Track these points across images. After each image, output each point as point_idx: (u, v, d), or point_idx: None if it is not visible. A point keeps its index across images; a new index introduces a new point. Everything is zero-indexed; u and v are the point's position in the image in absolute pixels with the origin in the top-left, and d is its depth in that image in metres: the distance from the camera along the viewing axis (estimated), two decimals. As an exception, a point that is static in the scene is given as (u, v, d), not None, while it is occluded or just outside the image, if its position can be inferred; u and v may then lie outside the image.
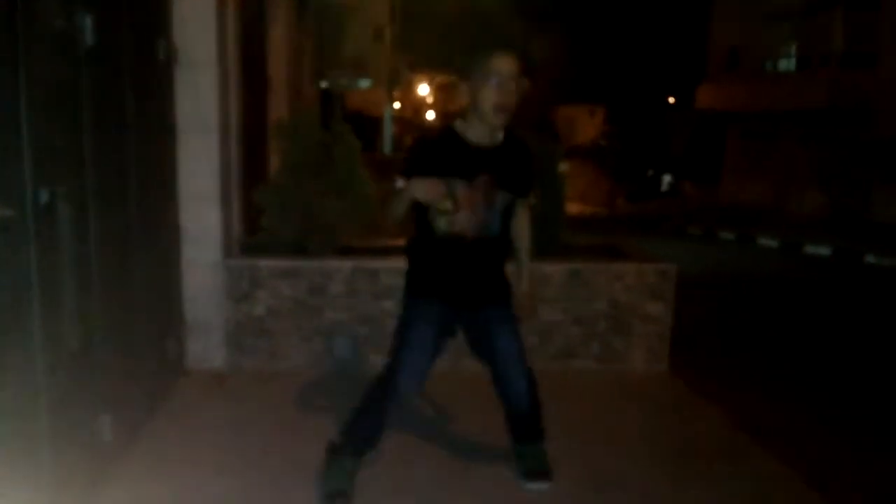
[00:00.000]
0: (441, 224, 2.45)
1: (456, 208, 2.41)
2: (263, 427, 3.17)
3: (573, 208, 15.66)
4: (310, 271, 3.79)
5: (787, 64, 19.79)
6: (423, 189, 2.35)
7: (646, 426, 3.41)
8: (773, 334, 6.29)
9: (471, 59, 2.41)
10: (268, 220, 4.05)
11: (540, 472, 2.75)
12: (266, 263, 3.78)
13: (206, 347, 3.77)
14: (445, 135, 2.49)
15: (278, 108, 5.95)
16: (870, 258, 12.23)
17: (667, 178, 24.21)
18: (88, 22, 2.39)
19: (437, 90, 35.35)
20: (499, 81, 2.35)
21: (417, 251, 2.59)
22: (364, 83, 18.00)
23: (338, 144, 4.01)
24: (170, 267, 3.55)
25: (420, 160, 2.44)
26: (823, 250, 13.14)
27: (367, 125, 17.41)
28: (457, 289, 2.56)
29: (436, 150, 2.47)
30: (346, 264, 3.81)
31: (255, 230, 4.14)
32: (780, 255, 13.24)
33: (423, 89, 34.54)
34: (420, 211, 2.47)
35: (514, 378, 2.67)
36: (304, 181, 3.94)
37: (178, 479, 2.68)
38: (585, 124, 27.79)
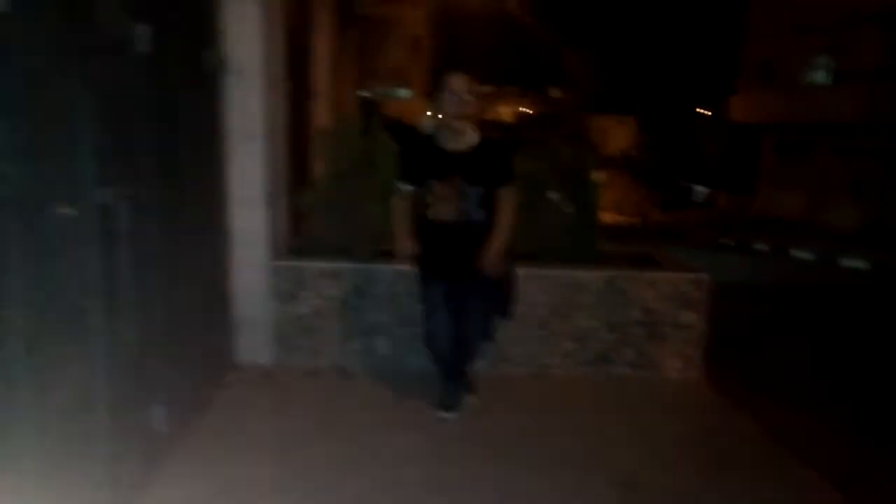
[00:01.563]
0: (428, 211, 3.20)
1: (435, 200, 3.15)
2: (306, 421, 3.29)
3: (607, 218, 15.64)
4: (353, 273, 3.93)
5: (822, 76, 19.55)
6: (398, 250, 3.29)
7: (678, 432, 3.45)
8: (807, 345, 6.25)
9: (437, 80, 3.18)
10: (312, 223, 4.20)
11: (450, 405, 3.41)
12: (311, 265, 3.92)
13: (254, 344, 3.92)
14: (425, 142, 3.28)
15: (321, 115, 6.12)
16: (907, 272, 12.01)
17: (699, 189, 24.01)
18: (145, 31, 2.51)
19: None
20: (451, 93, 3.09)
21: (420, 235, 3.26)
22: (403, 92, 18.23)
23: (379, 150, 4.15)
24: (220, 267, 3.70)
25: (407, 164, 3.28)
26: (859, 263, 12.95)
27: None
28: (447, 266, 3.24)
29: (417, 154, 3.26)
30: (388, 267, 3.93)
31: (301, 232, 4.29)
32: (814, 267, 13.07)
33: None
34: (419, 204, 3.20)
35: (470, 324, 3.32)
36: (347, 186, 4.08)
37: (227, 469, 2.80)
38: (618, 135, 27.75)
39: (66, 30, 2.03)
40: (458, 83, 3.09)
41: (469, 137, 3.16)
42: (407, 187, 3.24)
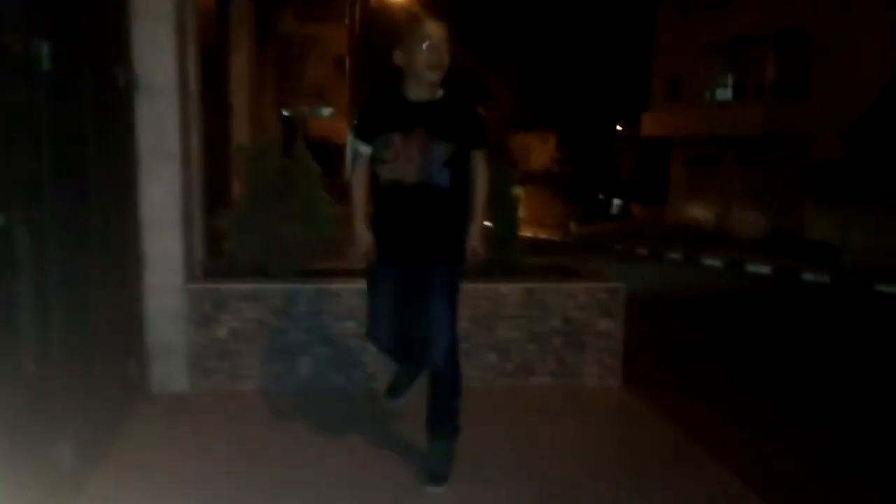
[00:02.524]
0: (383, 172, 2.74)
1: (394, 156, 2.70)
2: (228, 448, 3.19)
3: (528, 232, 15.98)
4: (273, 294, 3.86)
5: (723, 93, 20.74)
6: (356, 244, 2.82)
7: (599, 437, 3.55)
8: (720, 348, 6.57)
9: (404, 29, 2.75)
10: (230, 244, 4.10)
11: (439, 473, 2.86)
12: (229, 287, 3.83)
13: (169, 371, 3.77)
14: (388, 94, 2.81)
15: (240, 134, 6.01)
16: (807, 276, 12.83)
17: (616, 202, 24.93)
18: (45, 49, 2.40)
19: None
20: (430, 44, 2.66)
21: (374, 205, 2.83)
22: (325, 111, 18.12)
23: (299, 169, 4.11)
24: (131, 291, 3.56)
25: (366, 118, 2.84)
26: (764, 268, 13.74)
27: (328, 152, 17.60)
28: (401, 245, 2.79)
29: (379, 106, 2.83)
30: (309, 287, 3.89)
31: (218, 254, 4.18)
32: (723, 273, 13.76)
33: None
34: (371, 165, 2.81)
35: (436, 341, 2.77)
36: (265, 205, 4.02)
37: (139, 502, 2.67)
38: (539, 151, 28.48)
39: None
40: (436, 30, 2.68)
41: (438, 92, 2.76)
42: (365, 148, 2.79)
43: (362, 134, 2.81)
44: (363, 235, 2.81)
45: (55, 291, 2.49)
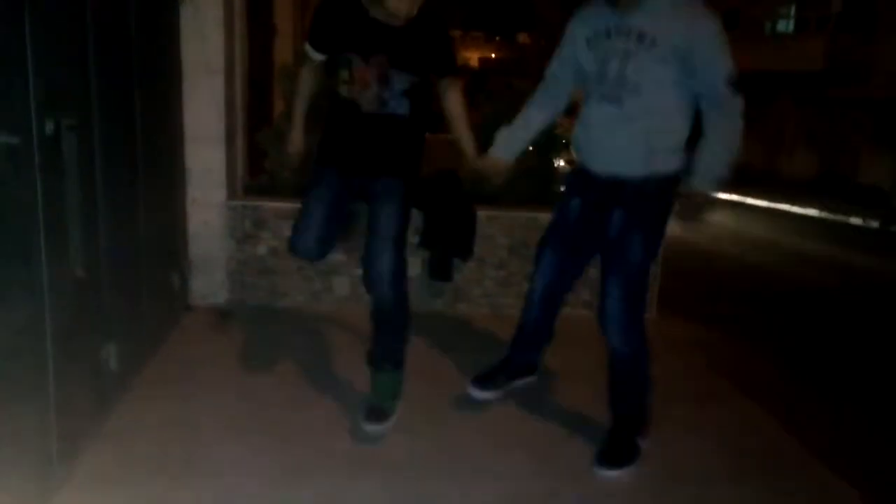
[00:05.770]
0: (342, 91, 2.53)
1: (351, 80, 2.48)
2: (262, 360, 3.29)
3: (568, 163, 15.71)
4: (311, 213, 3.89)
5: (785, 25, 19.65)
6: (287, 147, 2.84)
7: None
8: (757, 288, 6.48)
9: None
10: (270, 163, 4.13)
11: (376, 409, 2.65)
12: (269, 205, 3.88)
13: (210, 285, 3.89)
14: (349, 5, 2.45)
15: (284, 53, 5.95)
16: (854, 220, 12.45)
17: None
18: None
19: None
20: None
21: (327, 118, 2.65)
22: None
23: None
24: (175, 205, 3.63)
25: (322, 27, 2.53)
26: (811, 211, 13.36)
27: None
28: (350, 156, 2.59)
29: (337, 15, 2.48)
30: (346, 208, 3.91)
31: (260, 173, 4.22)
32: (768, 215, 13.43)
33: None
34: (329, 78, 2.58)
35: (380, 253, 2.57)
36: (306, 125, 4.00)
37: (182, 408, 2.78)
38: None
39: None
40: None
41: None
42: (317, 55, 2.59)
43: (315, 42, 2.56)
44: (297, 140, 2.81)
45: (102, 199, 2.55)
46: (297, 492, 2.30)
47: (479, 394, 2.95)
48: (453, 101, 2.68)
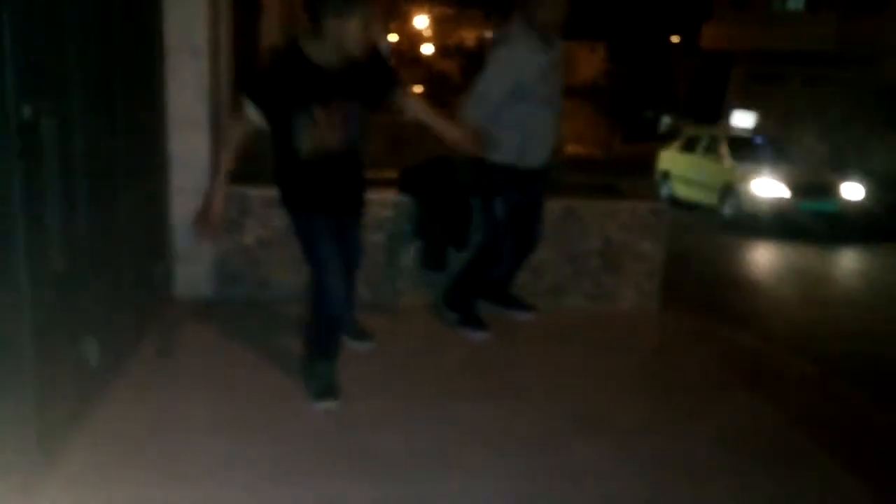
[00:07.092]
0: (306, 140, 2.55)
1: (316, 125, 2.52)
2: (248, 354, 3.18)
3: (570, 149, 15.49)
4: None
5: (796, 3, 19.32)
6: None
7: (633, 363, 3.45)
8: (764, 275, 6.35)
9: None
10: (256, 148, 3.97)
11: (321, 390, 2.78)
12: (256, 192, 3.73)
13: (193, 276, 3.75)
14: (294, 59, 2.54)
15: (271, 34, 5.78)
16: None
17: (666, 120, 23.84)
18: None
19: (435, 23, 34.35)
20: (363, 19, 2.45)
21: (289, 173, 2.70)
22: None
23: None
24: (157, 193, 3.50)
25: (271, 88, 2.56)
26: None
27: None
28: (342, 197, 2.76)
29: (288, 75, 2.54)
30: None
31: (246, 158, 4.06)
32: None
33: (421, 22, 33.61)
34: (281, 137, 2.60)
35: (353, 287, 2.93)
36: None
37: (163, 405, 2.70)
38: (585, 62, 27.25)
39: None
40: (368, 7, 2.48)
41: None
42: (257, 113, 2.56)
43: (263, 101, 2.55)
44: (220, 200, 2.67)
45: (82, 187, 2.44)
46: (286, 490, 2.22)
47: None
48: (416, 107, 2.85)
